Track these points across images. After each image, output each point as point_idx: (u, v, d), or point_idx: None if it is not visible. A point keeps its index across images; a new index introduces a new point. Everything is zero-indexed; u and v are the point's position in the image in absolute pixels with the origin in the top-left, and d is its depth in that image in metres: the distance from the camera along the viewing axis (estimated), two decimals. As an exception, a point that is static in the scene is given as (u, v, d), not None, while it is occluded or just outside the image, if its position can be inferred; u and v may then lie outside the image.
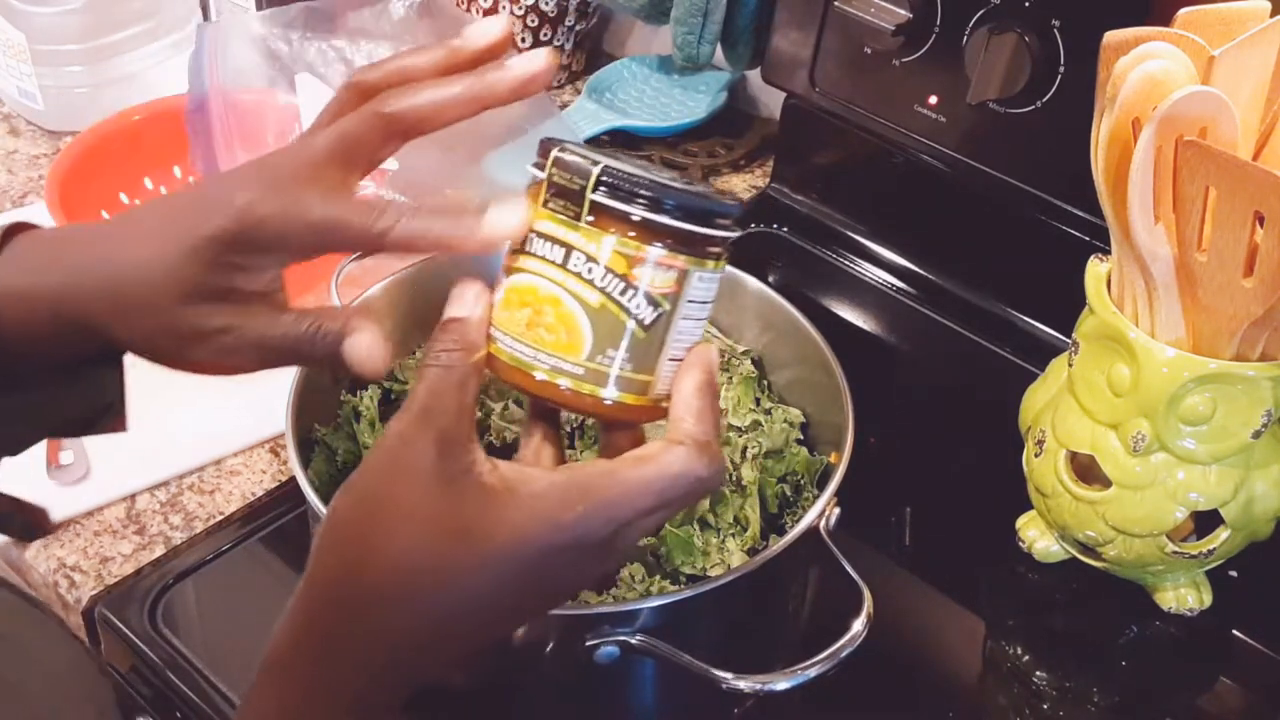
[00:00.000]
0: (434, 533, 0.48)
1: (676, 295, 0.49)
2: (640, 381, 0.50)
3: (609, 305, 0.49)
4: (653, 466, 0.49)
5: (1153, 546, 0.77)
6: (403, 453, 0.48)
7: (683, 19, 1.10)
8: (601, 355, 0.49)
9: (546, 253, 0.49)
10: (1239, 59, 0.68)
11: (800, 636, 0.79)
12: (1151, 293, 0.72)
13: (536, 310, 0.49)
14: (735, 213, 0.50)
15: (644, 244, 0.48)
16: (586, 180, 0.48)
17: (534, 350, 0.49)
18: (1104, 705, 0.78)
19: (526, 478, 0.49)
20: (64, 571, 0.81)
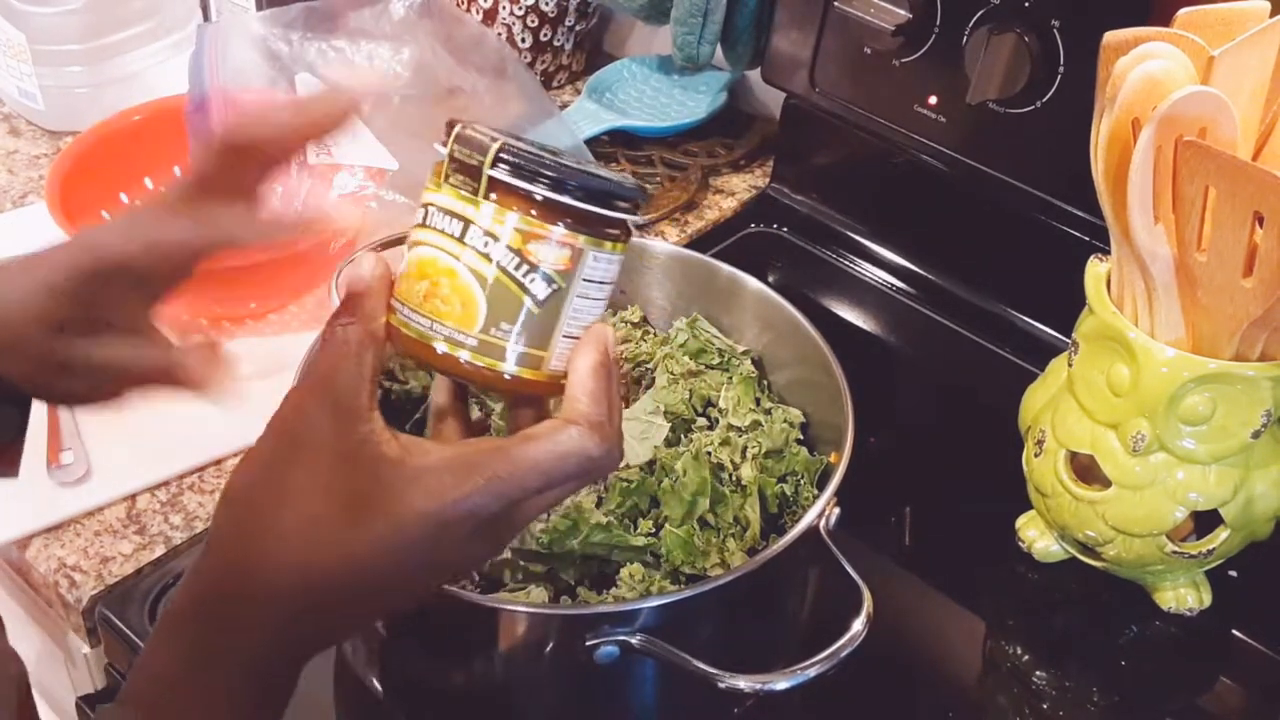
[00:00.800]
0: (326, 502, 0.49)
1: (571, 273, 0.51)
2: (535, 356, 0.51)
3: (504, 280, 0.50)
4: (542, 445, 0.50)
5: (1152, 546, 0.77)
6: (297, 423, 0.50)
7: (683, 19, 1.10)
8: (495, 328, 0.50)
9: (445, 226, 0.50)
10: (1238, 59, 0.68)
11: (800, 636, 0.79)
12: (1151, 293, 0.72)
13: (434, 282, 0.50)
14: (635, 196, 0.51)
15: (541, 222, 0.50)
16: (485, 156, 0.49)
17: (430, 321, 0.51)
18: (1104, 705, 0.78)
19: (421, 450, 0.50)
20: (64, 571, 0.81)
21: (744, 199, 1.16)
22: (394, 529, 0.49)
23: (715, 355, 0.85)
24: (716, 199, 1.16)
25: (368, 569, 0.49)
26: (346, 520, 0.49)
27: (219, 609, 0.50)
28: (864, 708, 0.77)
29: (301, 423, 0.50)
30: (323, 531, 0.49)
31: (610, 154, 1.18)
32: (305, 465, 0.49)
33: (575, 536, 0.72)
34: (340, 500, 0.49)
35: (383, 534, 0.49)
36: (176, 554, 0.83)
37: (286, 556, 0.49)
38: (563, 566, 0.72)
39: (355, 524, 0.49)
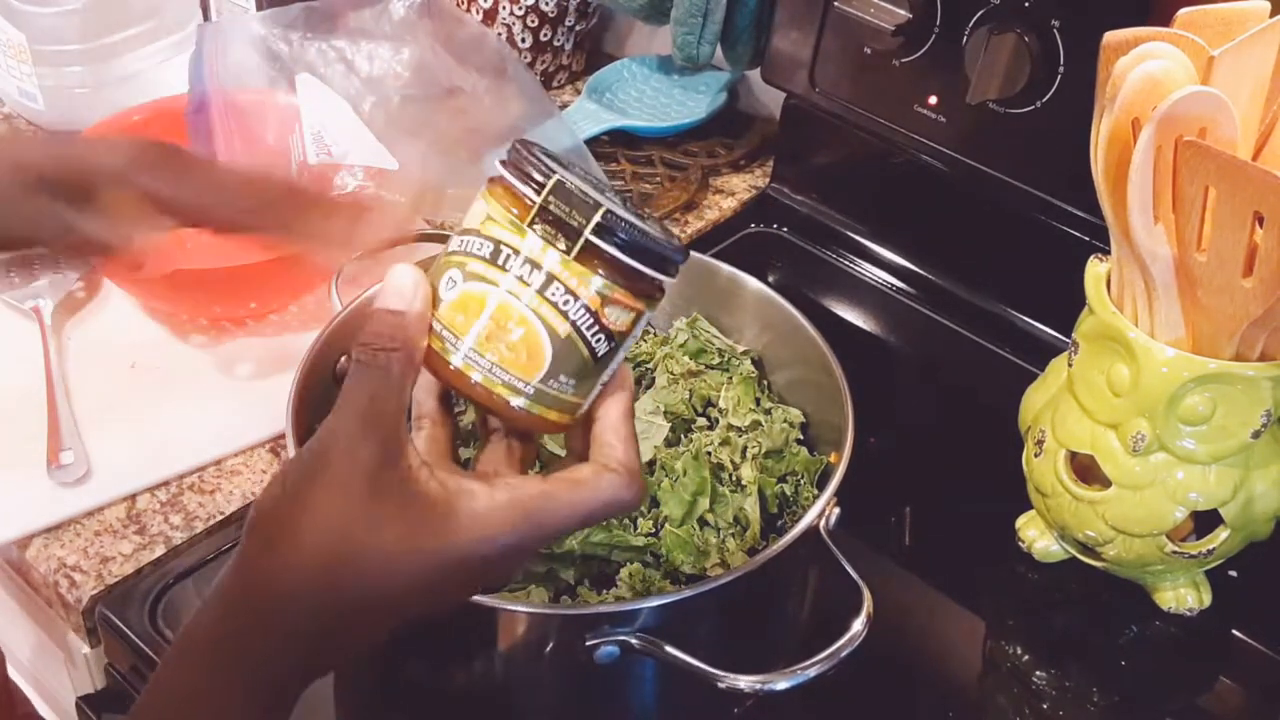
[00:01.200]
0: (362, 536, 0.48)
1: (628, 334, 0.52)
2: (574, 404, 0.52)
3: (574, 337, 0.50)
4: (588, 492, 0.51)
5: (1152, 546, 0.77)
6: (342, 460, 0.49)
7: (682, 19, 1.10)
8: (553, 380, 0.51)
9: (525, 274, 0.50)
10: (1238, 59, 0.68)
11: (800, 636, 0.79)
12: (1151, 293, 0.72)
13: (501, 325, 0.50)
14: (681, 259, 0.53)
15: (624, 290, 0.51)
16: (588, 220, 0.49)
17: (490, 362, 0.51)
18: (1103, 705, 0.78)
19: (466, 493, 0.50)
20: (64, 571, 0.81)
21: (744, 199, 1.16)
22: (434, 568, 0.49)
23: (715, 355, 0.85)
24: (716, 199, 1.16)
25: (396, 603, 0.50)
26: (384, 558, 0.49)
27: (240, 631, 0.50)
28: (864, 708, 0.77)
29: (339, 451, 0.49)
30: (356, 567, 0.49)
31: (610, 154, 1.18)
32: (340, 495, 0.48)
33: (575, 536, 0.72)
34: (379, 535, 0.48)
35: (421, 572, 0.49)
36: (177, 554, 0.83)
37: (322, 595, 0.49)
38: (563, 566, 0.72)
39: (393, 562, 0.49)
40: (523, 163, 0.51)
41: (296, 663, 0.50)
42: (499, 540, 0.50)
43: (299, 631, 0.49)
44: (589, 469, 0.52)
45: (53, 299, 0.98)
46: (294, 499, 0.49)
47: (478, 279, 0.50)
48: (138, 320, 0.98)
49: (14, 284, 0.99)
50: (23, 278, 1.00)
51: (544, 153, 0.52)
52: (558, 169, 0.51)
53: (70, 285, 1.00)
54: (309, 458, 0.49)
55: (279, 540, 0.49)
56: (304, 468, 0.49)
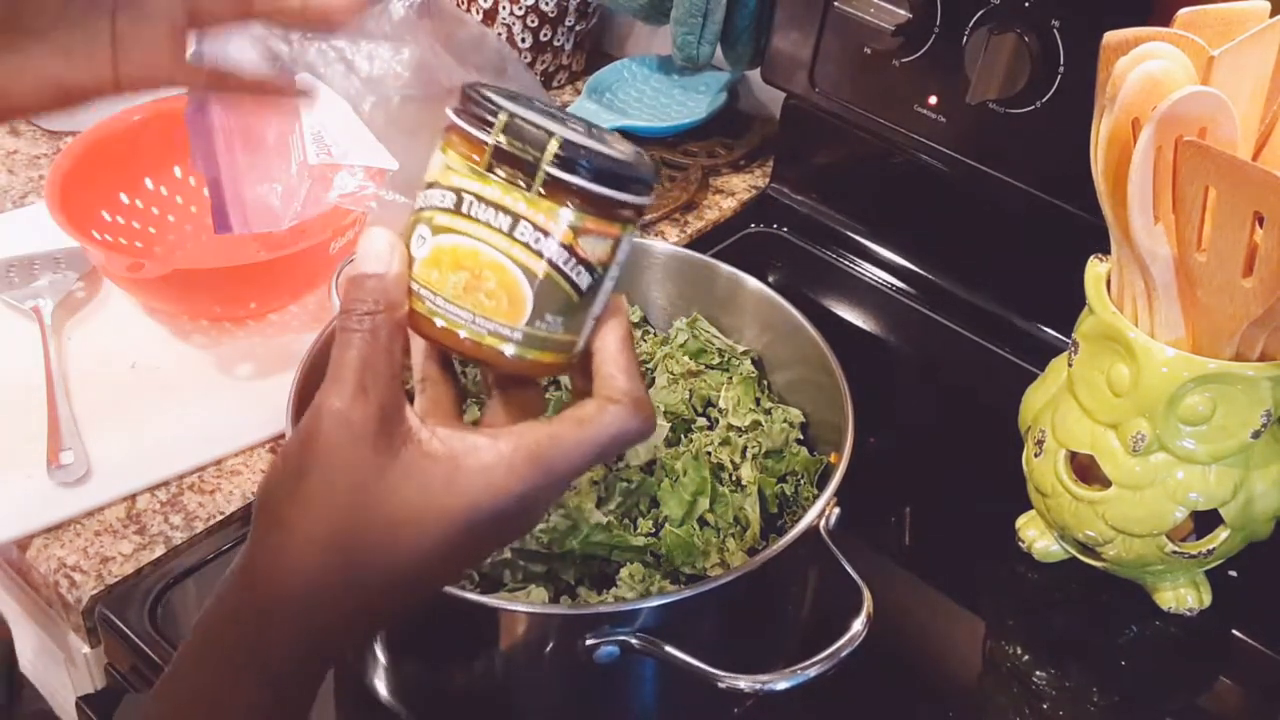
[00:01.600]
0: (371, 505, 0.48)
1: (609, 263, 0.50)
2: (569, 342, 0.51)
3: (553, 275, 0.49)
4: (594, 427, 0.50)
5: (1152, 546, 0.77)
6: (340, 429, 0.47)
7: (682, 19, 1.10)
8: (539, 320, 0.50)
9: (490, 219, 0.49)
10: (1238, 59, 0.68)
11: (800, 636, 0.79)
12: (1151, 293, 0.72)
13: (475, 274, 0.49)
14: (653, 179, 0.51)
15: (592, 215, 0.49)
16: (542, 153, 0.48)
17: (471, 314, 0.49)
18: (1103, 705, 0.78)
19: (471, 447, 0.49)
20: (64, 571, 0.81)
21: (744, 199, 1.16)
22: (448, 528, 0.48)
23: (715, 355, 0.85)
24: (716, 199, 1.16)
25: (414, 571, 0.49)
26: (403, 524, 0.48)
27: (256, 617, 0.49)
28: (864, 708, 0.77)
29: (336, 421, 0.47)
30: (368, 536, 0.48)
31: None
32: (342, 464, 0.47)
33: (575, 536, 0.72)
34: (386, 500, 0.47)
35: (436, 536, 0.48)
36: (177, 554, 0.83)
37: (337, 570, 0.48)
38: (563, 566, 0.72)
39: (413, 527, 0.48)
40: (473, 106, 0.49)
41: (316, 644, 0.49)
42: (512, 491, 0.48)
43: (315, 611, 0.48)
44: (593, 404, 0.51)
45: (53, 299, 0.98)
46: (296, 475, 0.48)
47: (445, 231, 0.49)
48: (138, 320, 0.98)
49: (14, 284, 0.99)
50: (23, 278, 1.00)
51: (496, 91, 0.51)
52: (508, 105, 0.49)
53: (70, 285, 1.00)
54: (306, 433, 0.48)
55: (286, 519, 0.48)
56: (302, 443, 0.48)
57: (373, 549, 0.48)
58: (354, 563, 0.48)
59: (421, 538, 0.48)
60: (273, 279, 0.95)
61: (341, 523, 0.47)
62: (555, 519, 0.73)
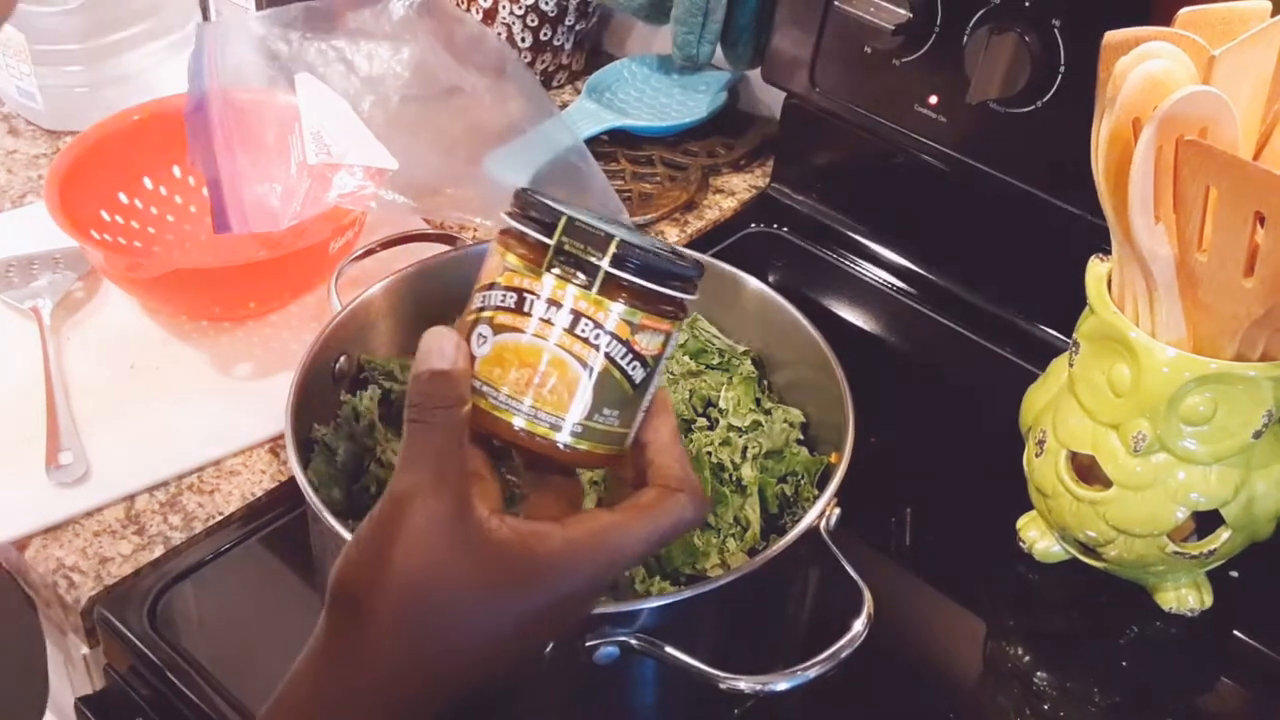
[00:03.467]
0: (457, 594, 0.49)
1: (661, 356, 0.53)
2: (621, 434, 0.53)
3: (611, 369, 0.51)
4: (657, 515, 0.52)
5: (1153, 547, 0.77)
6: (418, 517, 0.49)
7: (683, 19, 1.10)
8: (597, 414, 0.52)
9: (553, 317, 0.51)
10: (1239, 59, 0.68)
11: (800, 637, 0.79)
12: (1152, 293, 0.72)
13: (537, 370, 0.51)
14: (699, 276, 0.54)
15: (649, 314, 0.52)
16: (604, 253, 0.50)
17: (534, 409, 0.52)
18: (1104, 706, 0.78)
19: (541, 535, 0.50)
20: (63, 572, 0.81)
21: (744, 199, 1.16)
22: (521, 613, 0.50)
23: (715, 355, 0.85)
24: (716, 199, 1.16)
25: (488, 655, 0.50)
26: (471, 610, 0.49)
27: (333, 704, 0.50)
28: (865, 709, 0.77)
29: (415, 509, 0.49)
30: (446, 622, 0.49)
31: (610, 153, 1.18)
32: (420, 551, 0.49)
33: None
34: (463, 588, 0.49)
35: (510, 621, 0.50)
36: (176, 554, 0.83)
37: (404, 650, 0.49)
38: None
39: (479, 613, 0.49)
40: (529, 208, 0.52)
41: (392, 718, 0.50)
42: (582, 575, 0.50)
43: (393, 698, 0.50)
44: (653, 493, 0.52)
45: (52, 299, 0.98)
46: (374, 563, 0.49)
47: (508, 330, 0.52)
48: (137, 320, 0.98)
49: (13, 284, 0.99)
50: (22, 278, 1.00)
51: (547, 196, 0.53)
52: (564, 208, 0.52)
53: (69, 285, 1.00)
54: (383, 519, 0.49)
55: (364, 606, 0.49)
56: (378, 529, 0.49)
57: (450, 634, 0.49)
58: (432, 649, 0.49)
59: (496, 620, 0.50)
60: (272, 279, 0.95)
61: (421, 609, 0.49)
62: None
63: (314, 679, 0.50)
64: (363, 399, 0.80)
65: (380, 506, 0.50)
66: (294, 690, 0.51)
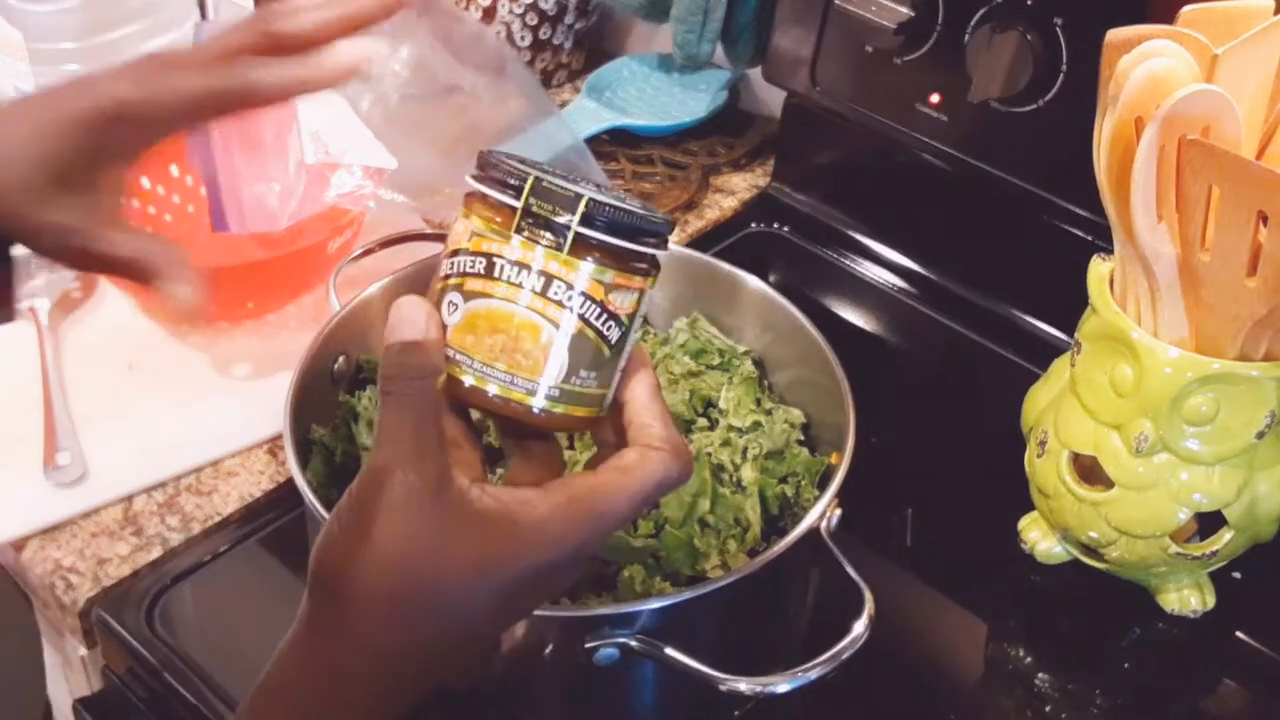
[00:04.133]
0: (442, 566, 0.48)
1: (635, 314, 0.52)
2: (599, 395, 0.53)
3: (586, 330, 0.51)
4: (640, 475, 0.51)
5: (1155, 548, 0.77)
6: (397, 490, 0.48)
7: (683, 17, 1.10)
8: (574, 376, 0.51)
9: (522, 280, 0.50)
10: (1242, 57, 0.68)
11: (801, 638, 0.78)
12: (1154, 292, 0.71)
13: (511, 336, 0.50)
14: (669, 231, 0.53)
15: (623, 272, 0.51)
16: (573, 213, 0.49)
17: (510, 374, 0.51)
18: (1106, 707, 0.78)
19: (524, 502, 0.50)
20: (61, 573, 0.81)
21: (744, 198, 1.16)
22: (508, 582, 0.49)
23: (715, 355, 0.85)
24: (717, 198, 1.15)
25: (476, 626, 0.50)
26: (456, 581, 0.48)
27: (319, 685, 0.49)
28: (865, 710, 0.77)
29: (393, 483, 0.48)
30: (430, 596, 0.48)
31: (610, 153, 1.17)
32: (402, 524, 0.48)
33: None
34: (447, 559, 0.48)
35: (496, 589, 0.49)
36: (174, 555, 0.82)
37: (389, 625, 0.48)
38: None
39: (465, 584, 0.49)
40: (495, 171, 0.51)
41: (386, 708, 0.50)
42: (567, 541, 0.50)
43: (381, 678, 0.49)
44: (634, 453, 0.52)
45: (49, 299, 0.98)
46: (355, 538, 0.48)
47: (479, 295, 0.51)
48: (135, 320, 0.98)
49: (11, 284, 0.99)
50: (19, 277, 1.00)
51: (510, 157, 0.53)
52: (530, 169, 0.51)
53: (66, 285, 1.00)
54: (361, 494, 0.49)
55: (346, 585, 0.48)
56: (358, 505, 0.49)
57: (437, 607, 0.49)
58: (419, 626, 0.49)
59: (482, 592, 0.49)
60: (270, 279, 0.95)
61: (405, 586, 0.48)
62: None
63: (299, 662, 0.50)
64: (361, 399, 0.80)
65: (358, 482, 0.49)
66: (279, 674, 0.50)
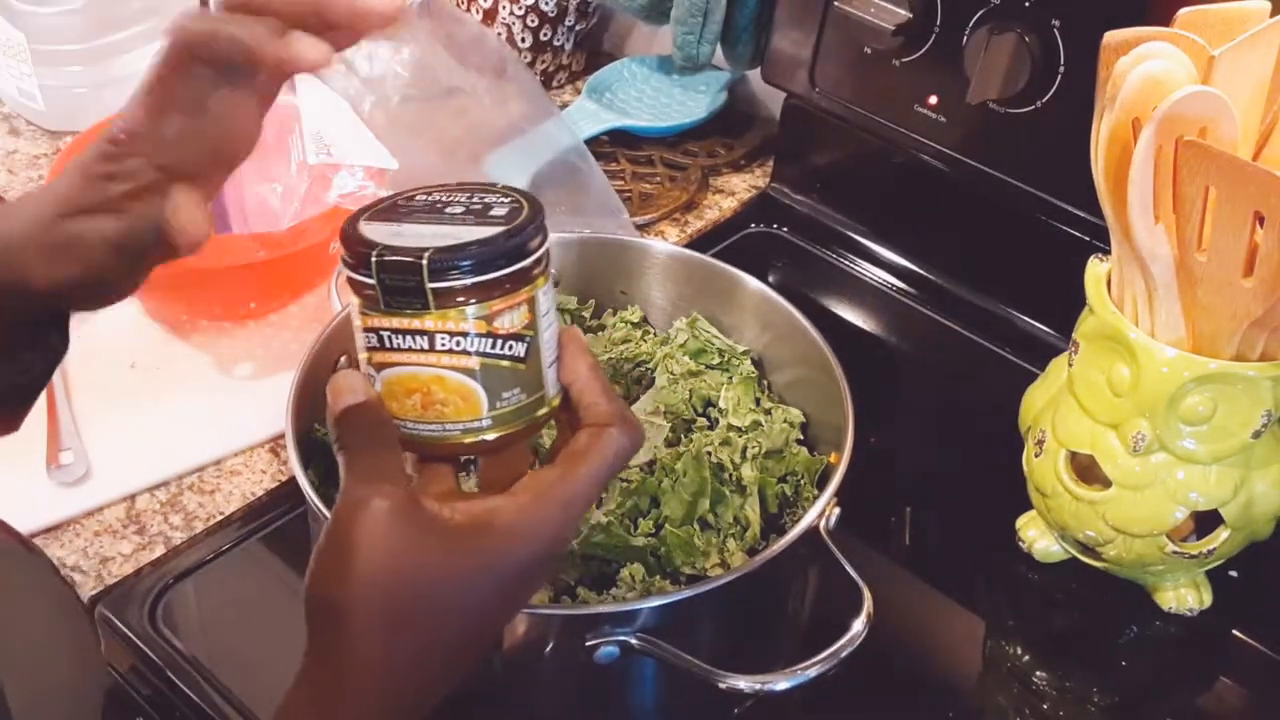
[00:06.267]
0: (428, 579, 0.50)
1: (534, 320, 0.53)
2: (535, 400, 0.54)
3: (488, 363, 0.52)
4: (595, 456, 0.53)
5: (1153, 546, 0.77)
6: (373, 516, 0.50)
7: (683, 19, 1.10)
8: (499, 401, 0.53)
9: (410, 344, 0.52)
10: (1239, 59, 0.68)
11: (800, 636, 0.79)
12: (1151, 293, 0.72)
13: (425, 394, 0.53)
14: (538, 232, 0.53)
15: (492, 302, 0.52)
16: (419, 275, 0.51)
17: (441, 425, 0.53)
18: (1104, 705, 0.78)
19: (492, 509, 0.52)
20: (64, 571, 0.81)
21: (744, 199, 1.16)
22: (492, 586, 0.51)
23: (715, 355, 0.85)
24: (716, 199, 1.16)
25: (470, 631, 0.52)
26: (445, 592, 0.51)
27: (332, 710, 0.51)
28: (864, 708, 0.77)
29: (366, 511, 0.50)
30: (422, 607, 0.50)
31: (610, 154, 1.18)
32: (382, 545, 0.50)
33: (575, 537, 0.72)
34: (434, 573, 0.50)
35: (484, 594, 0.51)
36: (176, 554, 0.83)
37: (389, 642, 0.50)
38: (563, 567, 0.72)
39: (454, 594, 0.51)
40: (347, 253, 0.53)
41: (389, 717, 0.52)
42: (541, 536, 0.52)
43: (390, 696, 0.51)
44: (585, 435, 0.54)
45: (52, 299, 0.98)
46: (339, 570, 0.50)
47: (385, 365, 0.53)
48: (137, 320, 0.98)
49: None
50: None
51: (369, 217, 0.54)
52: (380, 236, 0.52)
53: (70, 285, 1.00)
54: (338, 528, 0.51)
55: (339, 607, 0.50)
56: (338, 533, 0.51)
57: (431, 616, 0.51)
58: (414, 643, 0.51)
59: (470, 604, 0.51)
60: (272, 279, 0.95)
61: (394, 606, 0.50)
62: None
63: (310, 694, 0.52)
64: (363, 399, 0.80)
65: (333, 518, 0.51)
66: (293, 708, 0.52)
